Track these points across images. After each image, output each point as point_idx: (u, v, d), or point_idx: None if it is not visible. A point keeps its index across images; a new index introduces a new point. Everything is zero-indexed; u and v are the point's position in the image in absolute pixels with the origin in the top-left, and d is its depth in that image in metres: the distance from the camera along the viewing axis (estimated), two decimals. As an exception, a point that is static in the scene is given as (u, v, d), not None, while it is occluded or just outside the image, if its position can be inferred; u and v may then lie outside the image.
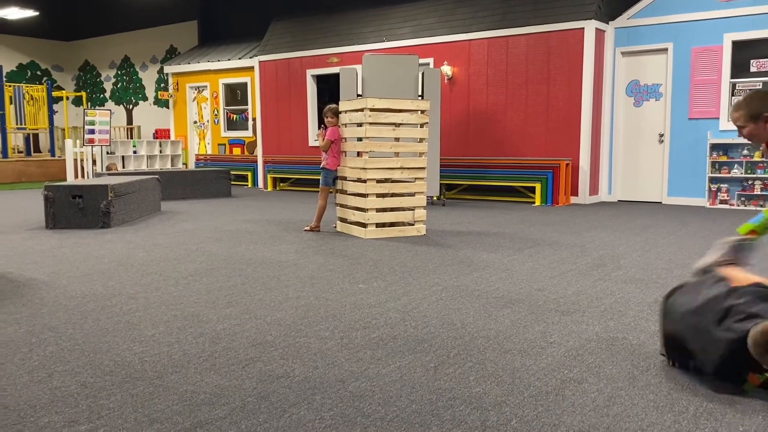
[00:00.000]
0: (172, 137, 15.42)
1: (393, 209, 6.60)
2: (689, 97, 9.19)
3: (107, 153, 13.98)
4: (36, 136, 17.07)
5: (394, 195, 6.62)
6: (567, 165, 9.55)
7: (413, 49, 10.60)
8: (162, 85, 16.66)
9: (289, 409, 2.32)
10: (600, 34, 9.58)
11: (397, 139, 6.64)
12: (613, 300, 3.89)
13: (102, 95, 18.51)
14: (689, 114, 9.22)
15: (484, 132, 10.40)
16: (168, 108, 15.70)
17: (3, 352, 2.96)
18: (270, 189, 12.66)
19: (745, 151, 8.83)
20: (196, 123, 15.06)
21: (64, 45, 19.11)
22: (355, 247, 5.82)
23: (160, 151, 15.24)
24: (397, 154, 6.68)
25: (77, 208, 7.07)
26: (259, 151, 13.34)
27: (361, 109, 6.41)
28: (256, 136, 13.60)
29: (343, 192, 6.86)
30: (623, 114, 9.87)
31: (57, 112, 17.22)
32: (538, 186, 9.63)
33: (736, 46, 8.84)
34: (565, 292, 4.09)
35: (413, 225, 6.61)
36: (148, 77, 17.31)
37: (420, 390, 2.49)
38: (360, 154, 6.64)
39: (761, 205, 8.64)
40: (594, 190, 9.92)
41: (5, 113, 14.73)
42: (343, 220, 6.88)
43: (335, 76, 10.50)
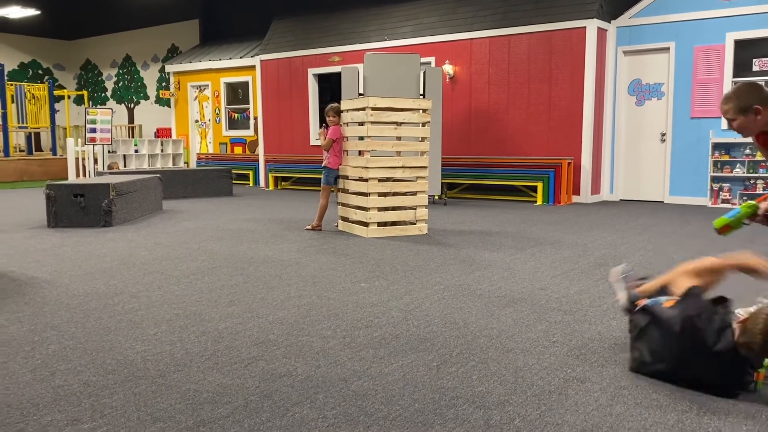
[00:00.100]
0: (174, 136, 15.42)
1: (395, 208, 6.60)
2: (691, 96, 9.18)
3: (109, 152, 13.99)
4: (37, 135, 17.09)
5: (395, 194, 6.62)
6: (569, 164, 9.54)
7: (415, 48, 10.59)
8: (163, 84, 16.66)
9: (292, 408, 2.31)
10: (602, 33, 9.56)
11: (398, 138, 6.64)
12: (616, 299, 3.87)
13: (103, 94, 18.51)
14: (691, 113, 9.21)
15: (485, 131, 10.39)
16: (169, 107, 15.70)
17: (6, 350, 2.96)
18: (271, 188, 12.66)
19: (747, 151, 8.81)
20: (197, 122, 15.06)
21: (65, 44, 19.12)
22: (356, 246, 5.82)
23: (162, 150, 15.24)
24: (398, 153, 6.67)
25: (79, 207, 7.08)
26: (260, 150, 13.34)
27: (363, 108, 6.41)
28: (257, 135, 13.60)
29: (345, 191, 6.86)
30: (625, 113, 9.86)
31: (58, 110, 17.23)
32: (539, 185, 9.62)
33: (739, 45, 8.82)
34: (568, 291, 4.08)
35: (415, 224, 6.60)
36: (150, 76, 17.31)
37: (423, 389, 2.48)
38: (362, 153, 6.64)
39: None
40: (596, 189, 9.91)
41: (7, 112, 14.75)
42: (345, 219, 6.88)
43: (337, 75, 10.51)
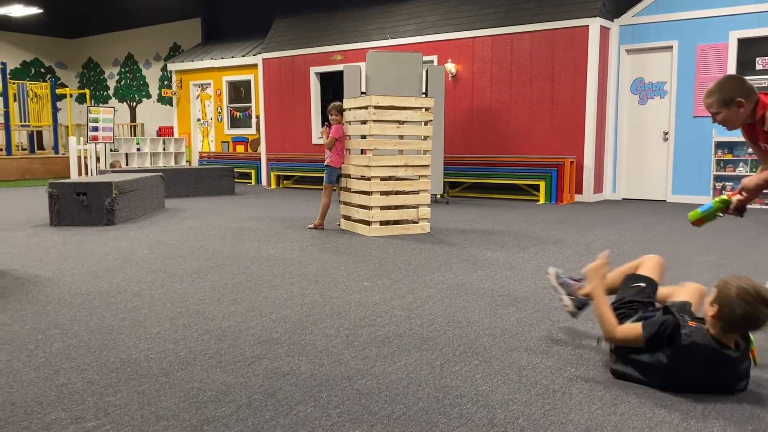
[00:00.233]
0: (176, 135, 15.43)
1: (397, 207, 6.59)
2: (694, 95, 9.15)
3: (111, 150, 13.99)
4: (40, 134, 17.10)
5: (398, 193, 6.62)
6: (571, 163, 9.53)
7: (417, 46, 10.59)
8: (165, 82, 16.66)
9: (295, 406, 2.31)
10: (605, 32, 9.55)
11: (401, 137, 6.64)
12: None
13: (105, 93, 18.52)
14: (694, 112, 9.19)
15: (488, 130, 10.38)
16: (171, 105, 15.70)
17: (9, 348, 2.96)
18: (273, 186, 12.66)
19: (750, 149, 8.79)
20: (199, 120, 15.06)
21: (67, 42, 19.12)
22: (359, 245, 5.82)
23: (164, 149, 15.24)
24: (401, 152, 6.67)
25: (81, 206, 7.08)
26: (262, 148, 13.34)
27: (366, 107, 6.40)
28: (259, 134, 13.60)
29: (347, 190, 6.85)
30: (628, 112, 9.84)
31: (61, 109, 17.23)
32: (542, 184, 9.61)
33: (742, 43, 8.79)
34: (571, 290, 4.07)
35: (417, 223, 6.60)
36: (152, 75, 17.31)
37: (426, 388, 2.48)
38: (364, 152, 6.63)
39: (766, 204, 8.62)
40: (598, 188, 9.89)
41: (9, 110, 14.76)
42: (347, 218, 6.87)
43: (339, 73, 10.49)
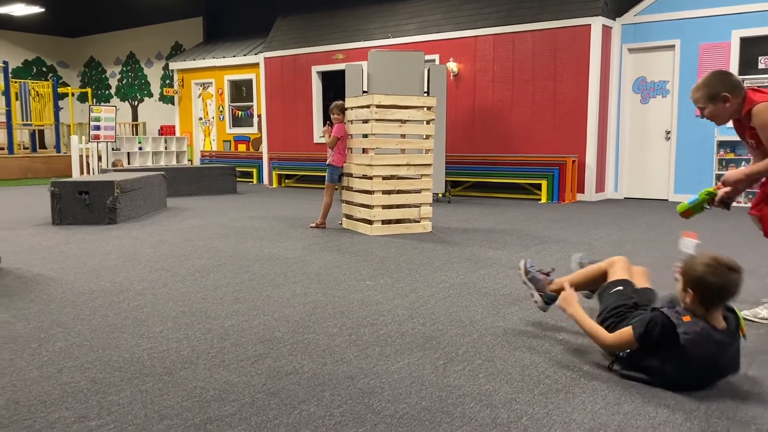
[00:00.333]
0: (178, 134, 15.43)
1: (399, 206, 6.59)
2: (696, 94, 9.14)
3: (113, 149, 14.00)
4: (41, 133, 17.12)
5: (400, 192, 6.61)
6: (573, 162, 9.53)
7: (419, 45, 10.58)
8: (167, 81, 16.67)
9: (298, 405, 2.31)
10: (607, 31, 9.53)
11: (403, 136, 6.63)
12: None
13: (107, 91, 18.53)
14: (696, 111, 9.15)
15: (489, 129, 10.37)
16: (173, 104, 15.71)
17: (13, 347, 2.97)
18: (275, 186, 12.66)
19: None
20: (201, 119, 15.06)
21: (69, 41, 19.13)
22: (361, 244, 5.82)
23: (166, 148, 15.24)
24: (403, 151, 6.67)
25: (84, 204, 7.09)
26: (264, 147, 13.34)
27: (368, 106, 6.40)
28: (261, 133, 13.60)
29: (349, 189, 6.85)
30: (630, 111, 9.83)
31: (62, 108, 17.24)
32: (544, 183, 9.60)
33: (744, 42, 8.78)
34: (573, 289, 4.06)
35: (419, 222, 6.60)
36: (154, 74, 17.32)
37: (429, 387, 2.48)
38: (366, 151, 6.63)
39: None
40: (600, 187, 9.88)
41: (11, 109, 14.77)
42: (349, 217, 6.87)
43: (341, 72, 10.49)
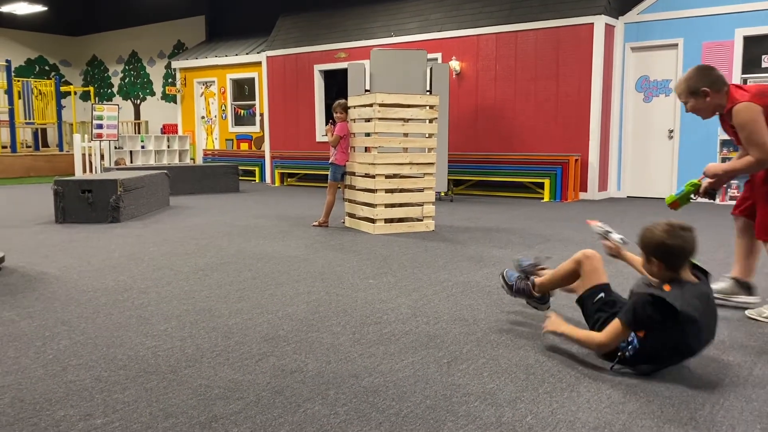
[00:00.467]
0: (180, 132, 15.45)
1: (401, 205, 6.59)
2: (699, 92, 9.13)
3: (115, 148, 14.02)
4: (44, 131, 17.14)
5: (402, 190, 6.61)
6: (576, 161, 9.52)
7: (421, 44, 10.57)
8: (170, 80, 16.69)
9: (303, 403, 2.31)
10: (609, 30, 9.52)
11: (405, 135, 6.63)
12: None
13: (110, 90, 18.55)
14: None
15: (492, 127, 10.37)
16: (176, 103, 15.73)
17: (17, 345, 2.97)
18: (277, 184, 12.67)
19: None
20: (203, 118, 15.07)
21: (72, 40, 19.15)
22: (363, 243, 5.82)
23: (168, 147, 15.26)
24: (405, 150, 6.66)
25: (87, 203, 7.09)
26: (266, 146, 13.35)
27: (371, 105, 6.39)
28: (263, 132, 13.60)
29: (352, 187, 6.85)
30: (633, 110, 9.82)
31: (65, 107, 17.28)
32: (546, 182, 9.59)
33: (748, 41, 8.76)
34: (577, 288, 4.06)
35: (422, 221, 6.60)
36: (156, 72, 17.33)
37: (434, 386, 2.48)
38: (368, 150, 6.63)
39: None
40: (603, 186, 9.88)
41: (14, 108, 14.79)
42: (352, 216, 6.87)
43: (343, 71, 10.49)
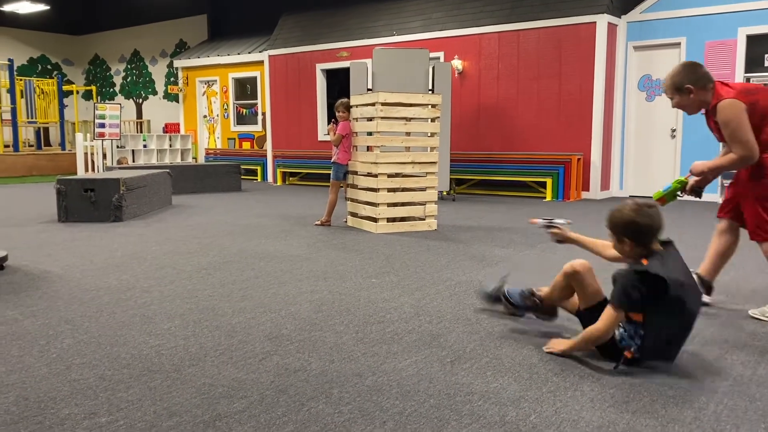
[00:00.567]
0: (182, 131, 15.45)
1: (404, 204, 6.59)
2: (702, 91, 9.11)
3: (117, 147, 14.03)
4: (46, 130, 17.16)
5: (405, 190, 6.61)
6: (578, 160, 9.51)
7: (424, 43, 10.56)
8: (172, 79, 16.69)
9: (307, 402, 2.32)
10: (612, 29, 9.51)
11: (408, 134, 6.63)
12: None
13: (112, 89, 18.57)
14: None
15: (494, 126, 10.36)
16: (178, 102, 15.74)
17: (21, 344, 2.98)
18: (279, 183, 12.67)
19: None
20: (205, 117, 15.08)
21: (74, 39, 19.17)
22: (366, 242, 5.82)
23: (170, 146, 15.27)
24: (408, 149, 6.66)
25: (89, 202, 7.10)
26: (268, 145, 13.35)
27: (373, 104, 6.39)
28: (265, 131, 13.61)
29: (354, 186, 6.85)
30: (635, 109, 9.80)
31: (67, 106, 17.30)
32: (549, 181, 9.59)
33: (751, 40, 8.75)
34: (580, 287, 4.06)
35: (424, 220, 6.59)
36: (158, 71, 17.35)
37: (437, 385, 2.48)
38: (371, 149, 6.63)
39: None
40: (605, 185, 9.87)
41: (16, 107, 14.81)
42: (354, 215, 6.87)
43: (345, 70, 10.49)
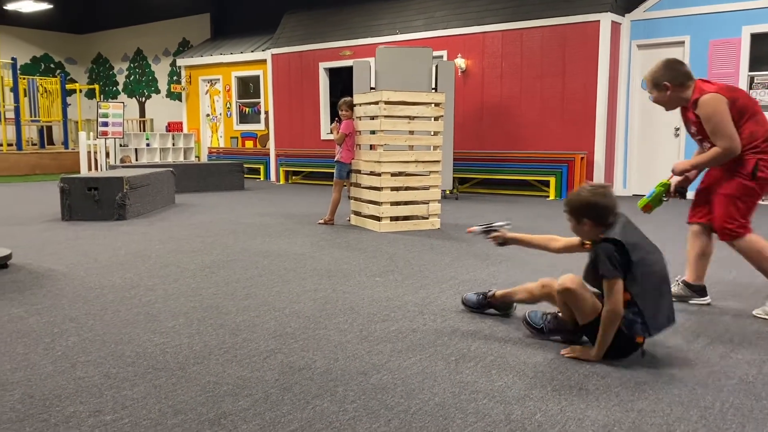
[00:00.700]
0: (185, 130, 15.46)
1: (407, 203, 6.59)
2: (706, 90, 9.09)
3: (120, 145, 14.05)
4: (50, 129, 17.18)
5: (408, 188, 6.61)
6: (582, 159, 9.49)
7: (427, 41, 10.55)
8: (175, 77, 16.70)
9: (312, 400, 2.32)
10: (616, 27, 9.49)
11: (411, 133, 6.62)
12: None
13: (115, 88, 18.58)
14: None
15: (497, 125, 10.35)
16: (181, 101, 15.74)
17: (26, 342, 2.98)
18: (282, 182, 12.68)
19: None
20: (208, 116, 15.08)
21: (77, 38, 19.19)
22: (369, 241, 5.82)
23: (173, 144, 15.28)
24: (411, 148, 6.66)
25: (93, 201, 7.11)
26: (271, 144, 13.35)
27: (376, 102, 6.39)
28: (268, 130, 13.61)
29: (357, 185, 6.85)
30: (639, 107, 9.78)
31: (70, 104, 17.31)
32: (552, 180, 9.58)
33: (755, 39, 8.72)
34: (584, 286, 4.05)
35: (427, 219, 6.59)
36: (161, 70, 17.36)
37: (442, 383, 2.48)
38: (374, 148, 6.63)
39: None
40: (609, 183, 9.84)
41: (20, 106, 14.83)
42: (357, 214, 6.87)
43: (348, 69, 10.49)
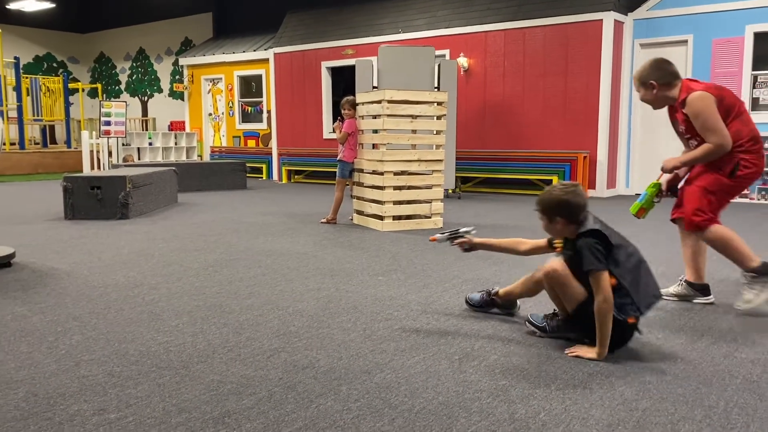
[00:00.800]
0: (188, 129, 15.48)
1: (410, 202, 6.58)
2: (709, 89, 9.07)
3: (123, 145, 14.06)
4: (52, 128, 17.21)
5: (411, 187, 6.61)
6: (584, 158, 9.48)
7: (429, 40, 10.55)
8: (177, 77, 16.71)
9: (315, 399, 2.32)
10: (619, 26, 9.48)
11: (414, 132, 6.62)
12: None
13: (117, 87, 18.60)
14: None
15: (500, 124, 10.34)
16: (183, 100, 15.75)
17: (30, 340, 2.99)
18: (285, 181, 12.68)
19: (766, 144, 8.70)
20: (211, 115, 15.09)
21: (79, 37, 19.21)
22: (372, 240, 5.82)
23: (176, 143, 15.30)
24: (414, 147, 6.65)
25: (96, 199, 7.12)
26: (273, 143, 13.36)
27: (379, 101, 6.39)
28: (270, 129, 13.62)
29: (360, 184, 6.85)
30: (641, 107, 9.76)
31: (73, 103, 17.32)
32: (554, 179, 9.56)
33: (758, 37, 8.71)
34: (587, 285, 4.05)
35: (430, 218, 6.59)
36: (163, 69, 17.37)
37: (446, 382, 2.48)
38: (377, 146, 6.62)
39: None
40: (611, 183, 9.84)
41: (22, 105, 14.85)
42: (360, 213, 6.87)
43: (350, 68, 10.49)
